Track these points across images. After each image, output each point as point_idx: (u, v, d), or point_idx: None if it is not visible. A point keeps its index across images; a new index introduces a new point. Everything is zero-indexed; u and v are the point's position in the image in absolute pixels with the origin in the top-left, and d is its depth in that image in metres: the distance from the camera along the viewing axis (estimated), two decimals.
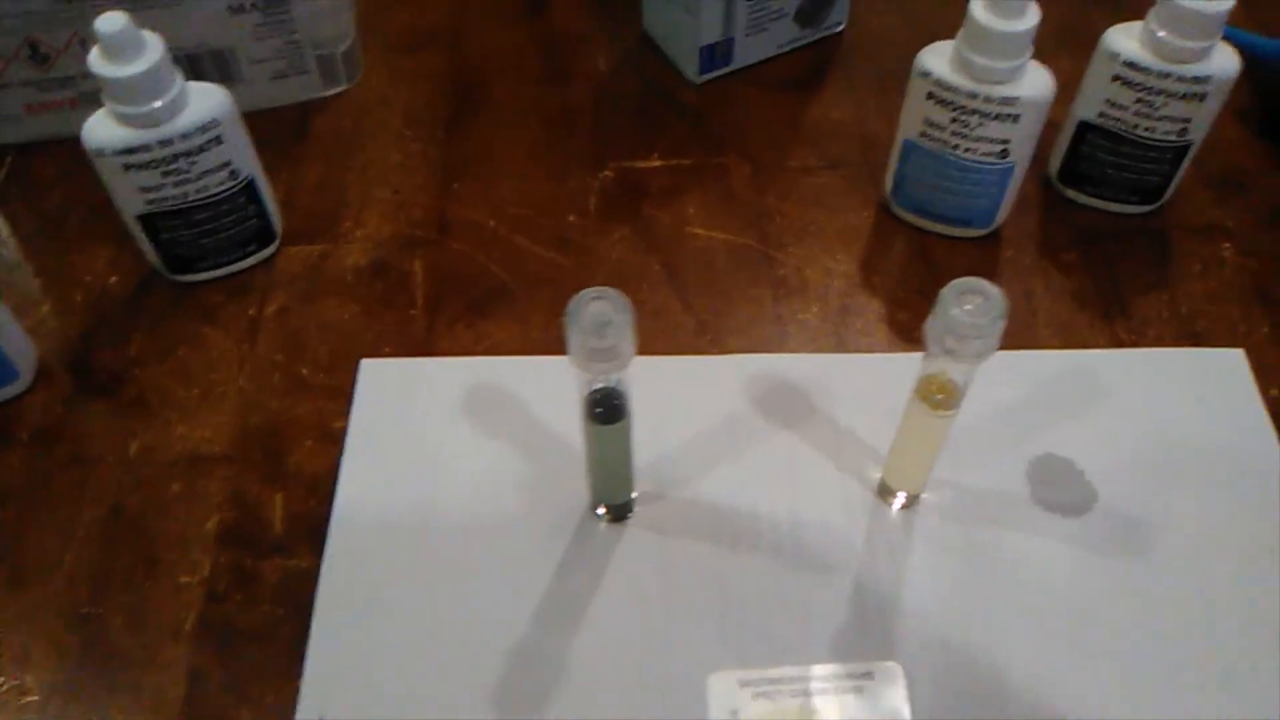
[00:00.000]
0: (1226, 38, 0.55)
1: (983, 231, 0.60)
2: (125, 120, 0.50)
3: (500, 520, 0.50)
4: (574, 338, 0.39)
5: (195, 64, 0.62)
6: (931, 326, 0.40)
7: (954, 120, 0.54)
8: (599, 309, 0.38)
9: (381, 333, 0.56)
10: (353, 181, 0.63)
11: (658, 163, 0.64)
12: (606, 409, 0.43)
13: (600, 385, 0.42)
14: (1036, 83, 0.53)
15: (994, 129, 0.54)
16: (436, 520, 0.50)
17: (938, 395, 0.43)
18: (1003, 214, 0.59)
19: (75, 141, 0.52)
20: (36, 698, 0.45)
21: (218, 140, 0.52)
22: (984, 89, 0.52)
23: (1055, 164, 0.62)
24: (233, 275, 0.58)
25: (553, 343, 0.55)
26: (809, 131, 0.66)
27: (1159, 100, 0.55)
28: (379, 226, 0.61)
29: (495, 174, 0.64)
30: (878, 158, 0.62)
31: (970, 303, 0.39)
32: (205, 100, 0.52)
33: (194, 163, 0.52)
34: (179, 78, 0.51)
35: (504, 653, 0.46)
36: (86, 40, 0.59)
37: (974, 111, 0.53)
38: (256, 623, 0.47)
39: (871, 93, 0.68)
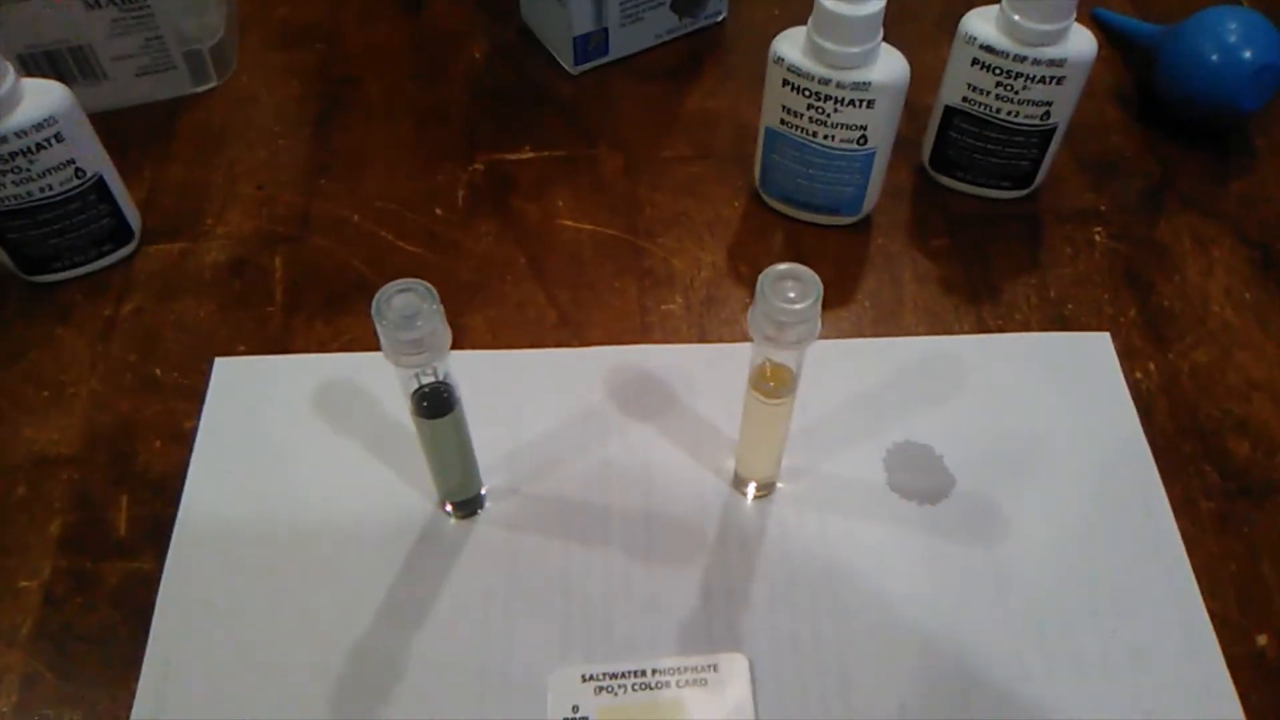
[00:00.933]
0: (1098, 19, 0.55)
1: (852, 219, 0.59)
2: None
3: (349, 519, 0.49)
4: (383, 332, 0.38)
5: (54, 61, 0.61)
6: (753, 315, 0.40)
7: (810, 107, 0.54)
8: (405, 300, 0.38)
9: (238, 331, 0.55)
10: (217, 179, 0.62)
11: (529, 155, 0.64)
12: (433, 403, 0.42)
13: (427, 379, 0.42)
14: (889, 67, 0.53)
15: (850, 115, 0.53)
16: (284, 520, 0.49)
17: (769, 383, 0.43)
18: (870, 201, 0.59)
19: None
20: None
21: (58, 137, 0.51)
22: (836, 74, 0.52)
23: (926, 150, 0.62)
24: (90, 275, 0.57)
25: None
26: (684, 121, 0.66)
27: (1018, 84, 0.55)
28: (241, 223, 0.60)
29: (363, 169, 0.63)
30: (751, 148, 0.62)
31: (788, 289, 0.39)
32: (42, 97, 0.51)
33: (33, 161, 0.51)
34: (10, 73, 0.50)
35: (344, 654, 0.45)
36: None
37: (828, 98, 0.53)
38: (94, 627, 0.46)
39: (749, 83, 0.67)
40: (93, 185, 0.54)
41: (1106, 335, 0.55)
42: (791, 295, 0.39)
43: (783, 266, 0.39)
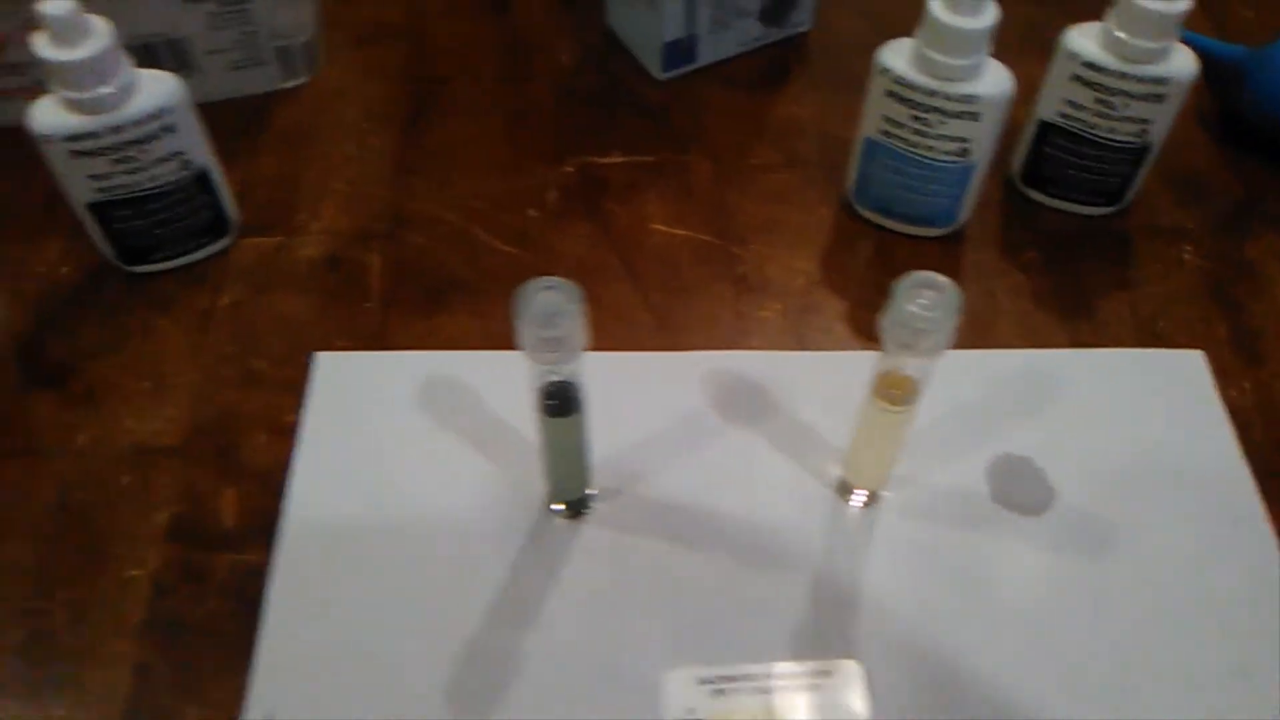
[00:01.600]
0: (1184, 41, 0.55)
1: (944, 231, 0.60)
2: (73, 106, 0.49)
3: (455, 516, 0.49)
4: (523, 328, 0.38)
5: (151, 53, 0.61)
6: (885, 322, 0.40)
7: (914, 118, 0.54)
8: (548, 299, 0.38)
9: (336, 326, 0.55)
10: (310, 174, 0.62)
11: (619, 159, 0.64)
12: (560, 401, 0.42)
13: (553, 378, 0.42)
14: (996, 80, 0.53)
15: (954, 127, 0.54)
16: (390, 516, 0.49)
17: (894, 391, 0.43)
18: (964, 213, 0.59)
19: (25, 130, 0.51)
20: None
21: (169, 129, 0.51)
22: (943, 86, 0.52)
23: (1017, 164, 0.62)
24: (186, 266, 0.58)
25: (510, 337, 0.54)
26: (772, 130, 0.66)
27: (1118, 101, 0.55)
28: (335, 219, 0.60)
29: (453, 168, 0.63)
30: (839, 157, 0.62)
31: (924, 297, 0.39)
32: (157, 88, 0.51)
33: (145, 151, 0.51)
34: (128, 64, 0.50)
35: (457, 650, 0.45)
36: (38, 26, 0.58)
37: (933, 109, 0.53)
38: (205, 618, 0.46)
39: (835, 92, 0.68)
40: (197, 177, 0.54)
41: (1200, 353, 0.56)
42: (926, 303, 0.39)
43: (920, 274, 0.39)
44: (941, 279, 0.39)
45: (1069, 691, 0.45)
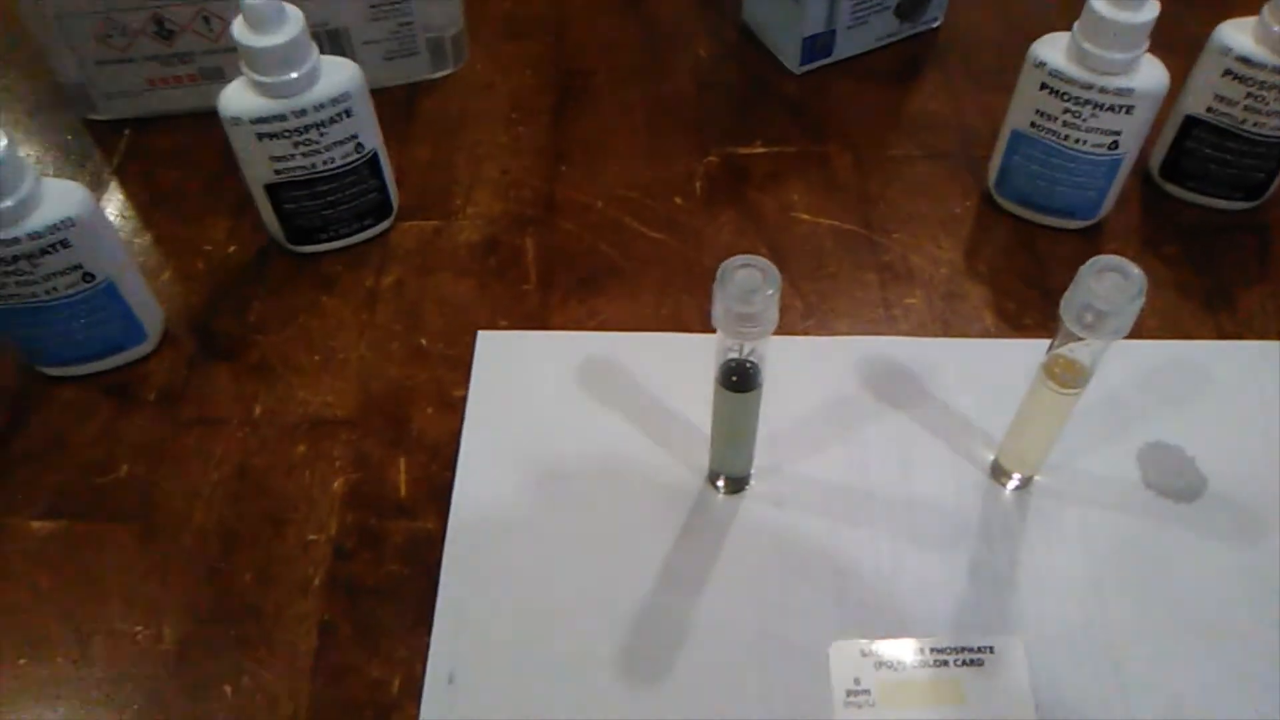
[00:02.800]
0: None
1: (1086, 223, 0.60)
2: (262, 90, 0.51)
3: (618, 489, 0.51)
4: (720, 303, 0.39)
5: None
6: (1069, 302, 0.41)
7: (1066, 111, 0.55)
8: (747, 275, 0.39)
9: (496, 306, 0.57)
10: (462, 161, 0.65)
11: (760, 149, 0.65)
12: (741, 377, 0.44)
13: (735, 354, 0.43)
14: (1152, 75, 0.54)
15: (1107, 120, 0.55)
16: (555, 487, 0.51)
17: (1066, 373, 0.44)
18: (1107, 206, 0.60)
19: (192, 116, 0.53)
20: (171, 647, 0.46)
21: (347, 113, 0.54)
22: (1100, 80, 0.53)
23: (1157, 159, 0.62)
24: (349, 247, 0.60)
25: (664, 320, 0.56)
26: (908, 123, 0.67)
27: (1271, 96, 0.56)
28: (489, 204, 0.62)
29: (600, 158, 0.65)
30: (977, 150, 0.63)
31: (1110, 279, 0.40)
32: (337, 73, 0.53)
33: (324, 134, 0.53)
34: (315, 50, 0.52)
35: (627, 615, 0.47)
36: (209, 17, 0.61)
37: (1088, 102, 0.54)
38: (383, 580, 0.48)
39: (968, 87, 0.69)
40: (368, 160, 0.56)
41: None
42: (1111, 287, 0.40)
43: (1107, 258, 0.40)
44: (1129, 264, 0.40)
45: (1224, 677, 0.45)
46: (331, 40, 0.64)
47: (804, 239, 0.60)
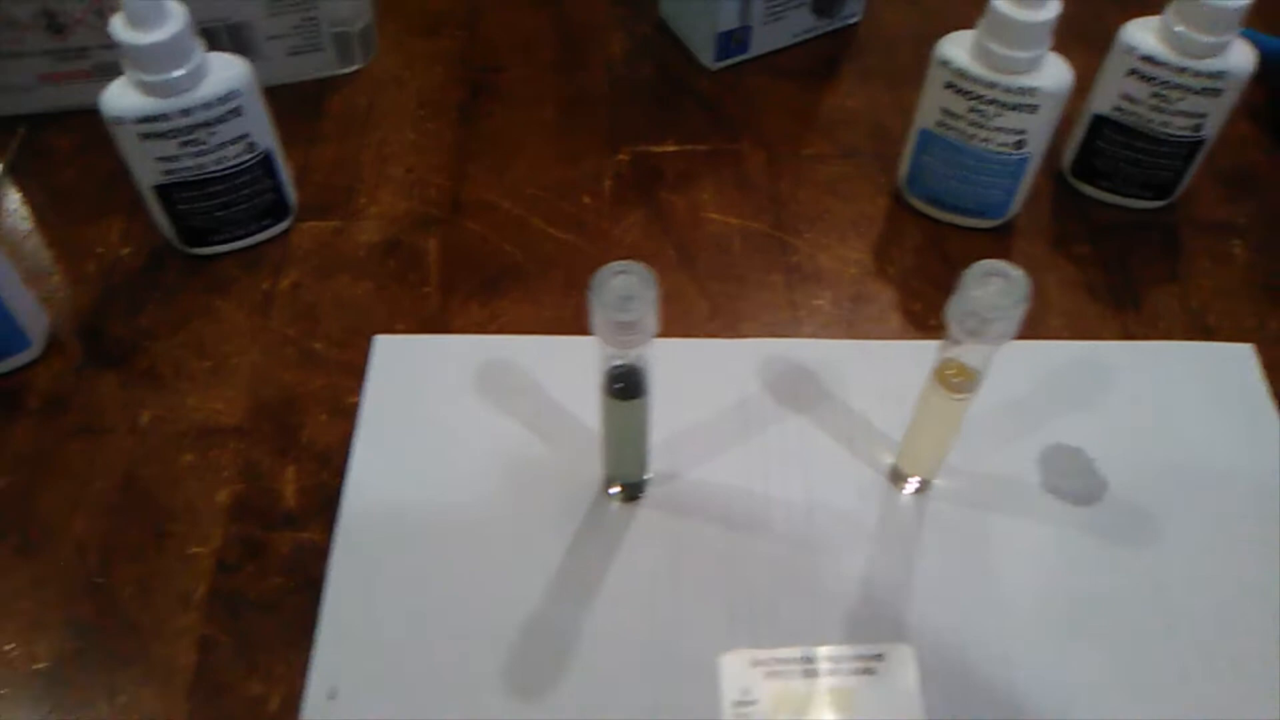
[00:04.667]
0: (1245, 38, 0.55)
1: (996, 222, 0.60)
2: (145, 88, 0.50)
3: (512, 497, 0.50)
4: (597, 311, 0.39)
5: (212, 38, 0.62)
6: (953, 307, 0.40)
7: (972, 110, 0.54)
8: (623, 282, 0.39)
9: (395, 309, 0.56)
10: (367, 159, 0.63)
11: (673, 148, 0.64)
12: (626, 385, 0.43)
13: (621, 361, 0.42)
14: (1055, 74, 0.53)
15: (1012, 119, 0.54)
16: (448, 496, 0.50)
17: (956, 378, 0.43)
18: (1016, 205, 0.59)
19: (89, 113, 0.52)
20: (46, 664, 0.45)
21: (237, 112, 0.52)
22: (1003, 79, 0.53)
23: (1068, 158, 0.62)
24: (246, 249, 0.58)
25: (567, 322, 0.55)
26: (823, 120, 0.66)
27: (1175, 95, 0.55)
28: (393, 204, 0.61)
29: (509, 156, 0.64)
30: (890, 148, 0.63)
31: (993, 284, 0.39)
32: (226, 71, 0.52)
33: (213, 133, 0.52)
34: (200, 47, 0.51)
35: (515, 627, 0.46)
36: (103, 10, 0.59)
37: (992, 101, 0.54)
38: (267, 594, 0.47)
39: (885, 84, 0.68)
40: (261, 160, 0.55)
41: (1250, 347, 0.56)
42: (995, 291, 0.39)
43: (989, 263, 0.40)
44: (1011, 268, 0.40)
45: (1116, 680, 0.45)
46: (233, 35, 0.62)
47: (713, 239, 0.60)
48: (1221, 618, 0.47)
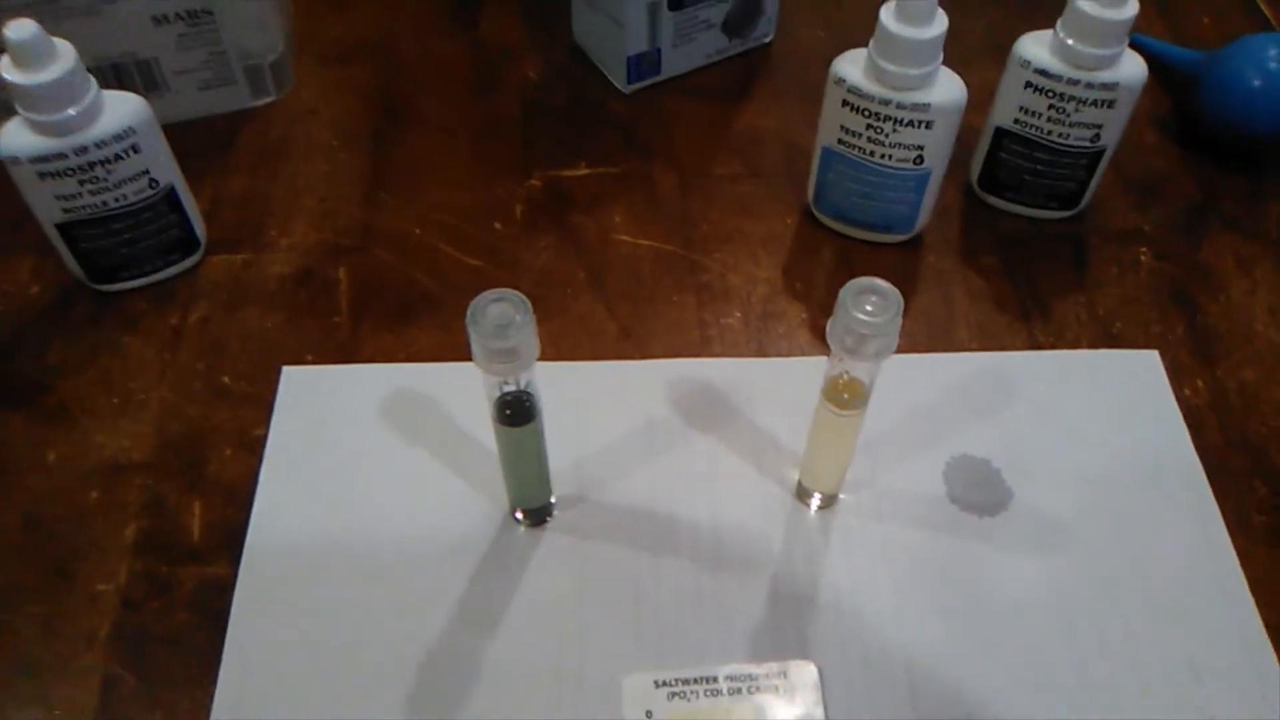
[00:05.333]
0: (1137, 46, 0.56)
1: (904, 237, 0.61)
2: (39, 128, 0.50)
3: (419, 526, 0.50)
4: (475, 340, 0.39)
5: (120, 73, 0.62)
6: (832, 327, 0.41)
7: (869, 127, 0.55)
8: (500, 310, 0.39)
9: (305, 340, 0.56)
10: (279, 191, 0.63)
11: (585, 171, 0.65)
12: (515, 411, 0.43)
13: (509, 388, 0.43)
14: (948, 89, 0.54)
15: (908, 135, 0.55)
16: (356, 526, 0.50)
17: (843, 395, 0.44)
18: (923, 219, 0.60)
19: None
20: None
21: (134, 149, 0.52)
22: (896, 95, 0.53)
23: (975, 171, 0.63)
24: (156, 284, 0.58)
25: (469, 348, 0.55)
26: (735, 140, 0.67)
27: (1070, 107, 0.56)
28: (304, 235, 0.61)
29: (422, 183, 0.64)
30: (802, 166, 0.63)
31: (868, 302, 0.40)
32: (121, 108, 0.52)
33: (111, 171, 0.52)
34: (93, 85, 0.51)
35: (420, 657, 0.46)
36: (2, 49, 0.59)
37: (888, 118, 0.54)
38: (172, 630, 0.47)
39: (797, 103, 0.69)
40: (164, 196, 0.55)
41: (1155, 353, 0.56)
42: (871, 309, 0.40)
43: (864, 280, 0.40)
44: (885, 285, 0.40)
45: (1027, 690, 0.45)
46: (141, 71, 0.62)
47: (623, 261, 0.60)
48: (1128, 624, 0.47)
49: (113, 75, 0.62)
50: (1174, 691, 0.45)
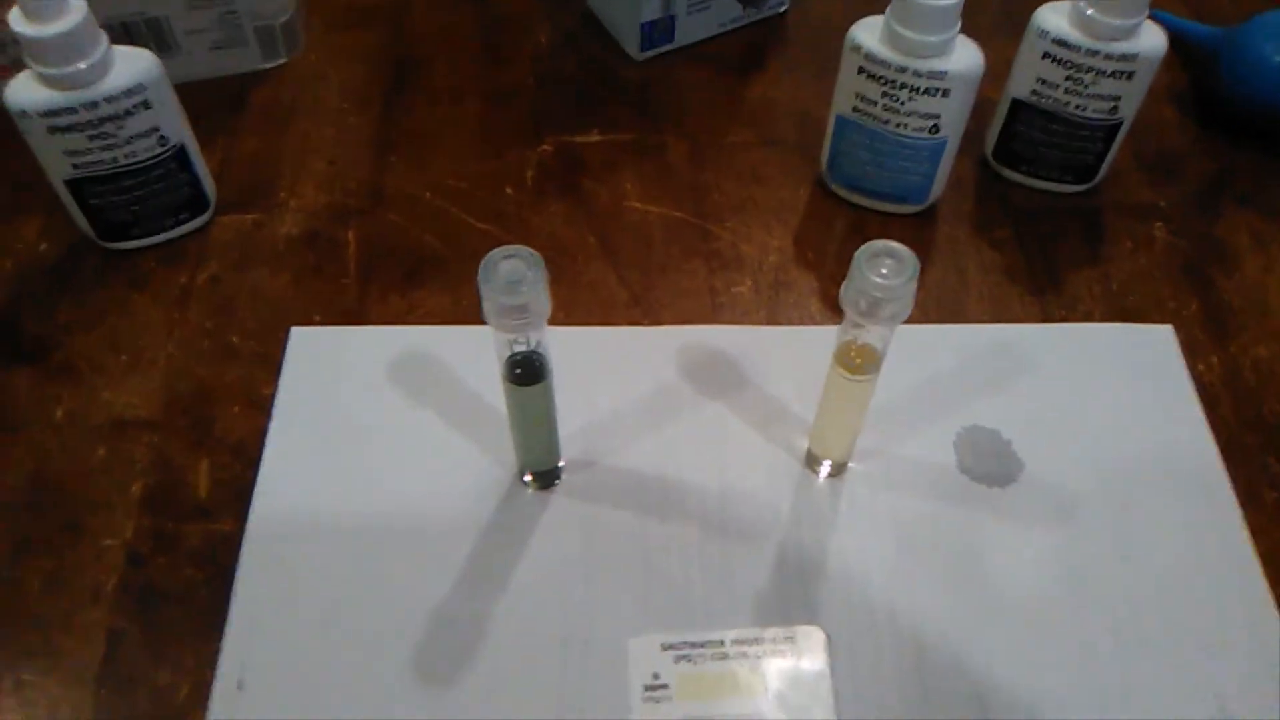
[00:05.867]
0: (1159, 22, 0.56)
1: (918, 208, 0.60)
2: (49, 82, 0.50)
3: (427, 487, 0.50)
4: (487, 296, 0.39)
5: (131, 32, 0.62)
6: (846, 290, 0.40)
7: (885, 95, 0.55)
8: (511, 266, 0.38)
9: (313, 301, 0.56)
10: (288, 153, 0.63)
11: (596, 138, 0.64)
12: (526, 371, 0.43)
13: (520, 347, 0.42)
14: (965, 57, 0.53)
15: (924, 104, 0.54)
16: (362, 487, 0.50)
17: (856, 360, 0.44)
18: (937, 190, 0.59)
19: (3, 108, 0.51)
20: None
21: (145, 105, 0.52)
22: (913, 63, 0.53)
23: (990, 143, 0.62)
24: (165, 243, 0.58)
25: (480, 307, 0.55)
26: (748, 109, 0.67)
27: (1088, 78, 0.56)
28: (314, 197, 0.61)
29: (432, 148, 0.64)
30: (815, 137, 0.63)
31: (883, 265, 0.39)
32: (133, 64, 0.51)
33: (121, 127, 0.52)
34: (104, 39, 0.50)
35: (426, 616, 0.46)
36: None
37: (904, 86, 0.54)
38: (178, 586, 0.47)
39: (811, 73, 0.68)
40: (174, 154, 0.55)
41: (1169, 328, 0.56)
42: (886, 272, 0.39)
43: (879, 243, 0.40)
44: (900, 248, 0.40)
45: (1033, 660, 0.45)
46: (152, 30, 0.62)
47: (634, 228, 0.60)
48: (1137, 598, 0.47)
49: (123, 33, 0.61)
50: (1183, 666, 0.45)
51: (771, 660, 0.45)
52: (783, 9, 0.72)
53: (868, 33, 0.54)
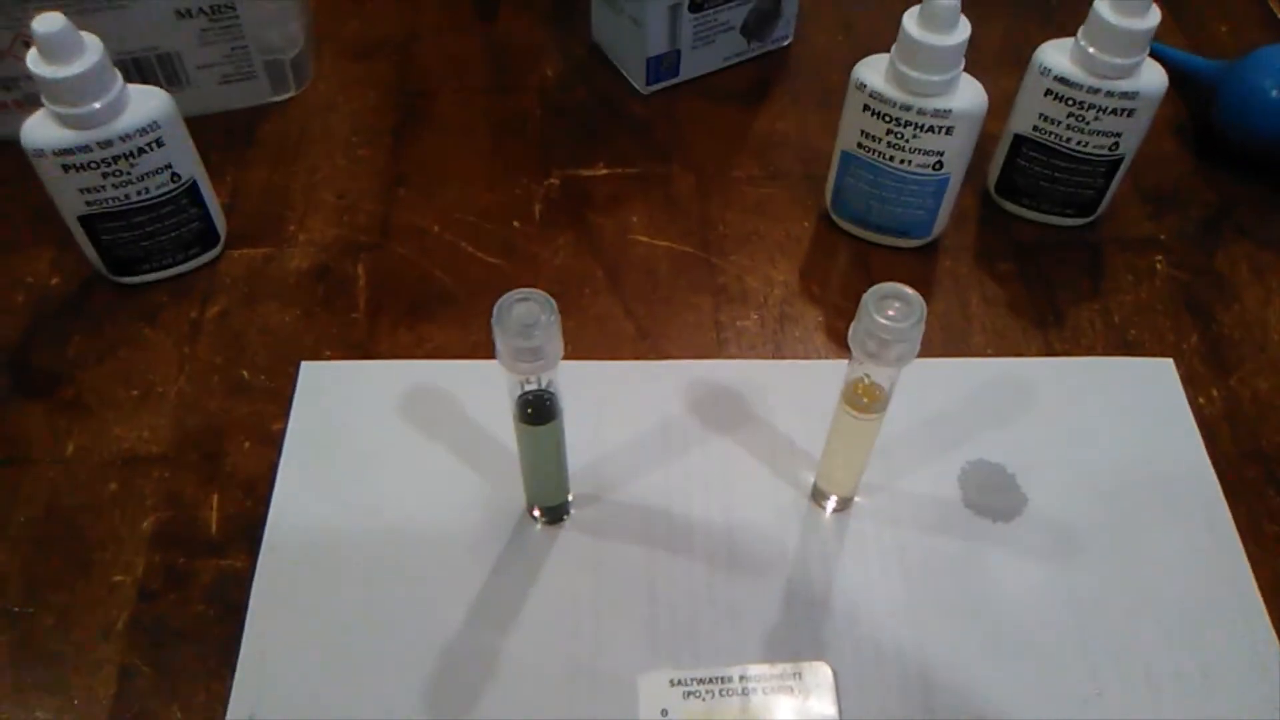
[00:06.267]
0: (1155, 55, 0.56)
1: (921, 242, 0.61)
2: (64, 121, 0.50)
3: (436, 522, 0.50)
4: (500, 339, 0.39)
5: (141, 67, 0.62)
6: (855, 331, 0.41)
7: (889, 132, 0.55)
8: (525, 310, 0.39)
9: (323, 335, 0.56)
10: (298, 186, 0.64)
11: (603, 171, 0.65)
12: (537, 410, 0.43)
13: (531, 387, 0.43)
14: (969, 95, 0.54)
15: (928, 141, 0.55)
16: (372, 521, 0.50)
17: (863, 399, 0.44)
18: (940, 225, 0.60)
19: (18, 144, 0.52)
20: None
21: (158, 142, 0.52)
22: (918, 101, 0.54)
23: (993, 177, 0.63)
24: (176, 277, 0.59)
25: (493, 347, 0.56)
26: (753, 143, 0.67)
27: (1090, 115, 0.56)
28: (323, 230, 0.61)
29: (440, 180, 0.64)
30: (819, 170, 0.63)
31: (891, 307, 0.40)
32: (146, 102, 0.52)
33: (134, 164, 0.52)
34: (119, 79, 0.51)
35: (436, 652, 0.46)
36: (30, 42, 0.59)
37: (908, 124, 0.54)
38: (189, 622, 0.47)
39: (815, 106, 0.69)
40: (186, 190, 0.55)
41: (1170, 361, 0.57)
42: (894, 314, 0.40)
43: (887, 285, 0.40)
44: (909, 291, 0.40)
45: (1038, 694, 0.45)
46: (163, 65, 0.63)
47: (640, 261, 0.60)
48: (1140, 631, 0.47)
49: (134, 69, 0.62)
50: (1186, 699, 0.45)
51: (779, 696, 0.45)
52: (786, 42, 0.73)
53: (873, 71, 0.55)
